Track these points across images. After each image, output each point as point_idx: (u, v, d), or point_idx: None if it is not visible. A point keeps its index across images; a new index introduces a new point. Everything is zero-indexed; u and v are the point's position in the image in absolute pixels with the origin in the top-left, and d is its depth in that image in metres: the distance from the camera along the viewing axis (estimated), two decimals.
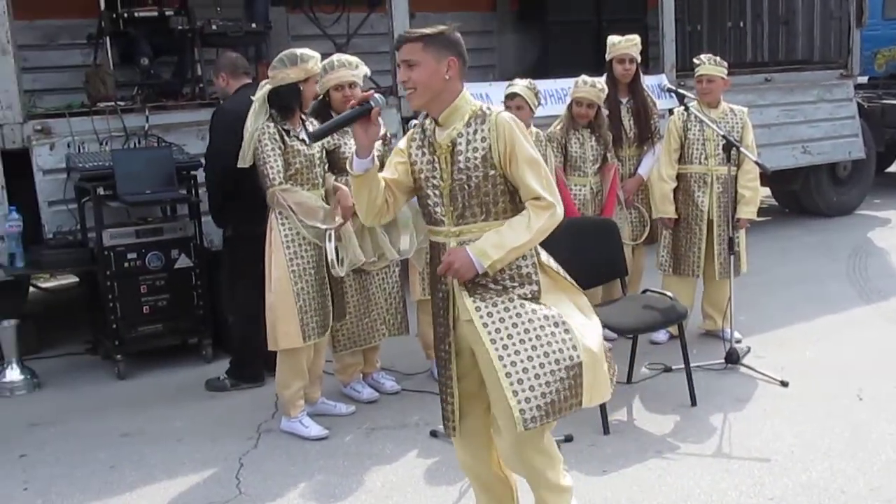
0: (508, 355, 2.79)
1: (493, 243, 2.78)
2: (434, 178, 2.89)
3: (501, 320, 2.82)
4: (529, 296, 2.86)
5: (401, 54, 2.82)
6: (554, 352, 2.81)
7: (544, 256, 2.99)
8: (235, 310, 5.01)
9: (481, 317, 2.83)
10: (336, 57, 4.51)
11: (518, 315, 2.82)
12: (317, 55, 4.30)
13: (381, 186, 2.90)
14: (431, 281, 3.06)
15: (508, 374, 2.78)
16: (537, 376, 2.78)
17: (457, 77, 2.84)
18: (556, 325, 2.84)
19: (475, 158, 2.82)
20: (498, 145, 2.80)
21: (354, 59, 4.49)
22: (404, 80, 2.82)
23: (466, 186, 2.82)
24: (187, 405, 4.83)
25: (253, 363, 4.97)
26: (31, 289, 6.41)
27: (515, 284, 2.86)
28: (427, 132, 2.92)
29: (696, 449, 4.04)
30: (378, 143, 4.47)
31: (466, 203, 2.84)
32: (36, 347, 5.79)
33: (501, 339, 2.81)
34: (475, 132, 2.83)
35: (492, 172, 2.82)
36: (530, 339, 2.80)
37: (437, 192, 2.89)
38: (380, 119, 4.59)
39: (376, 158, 2.85)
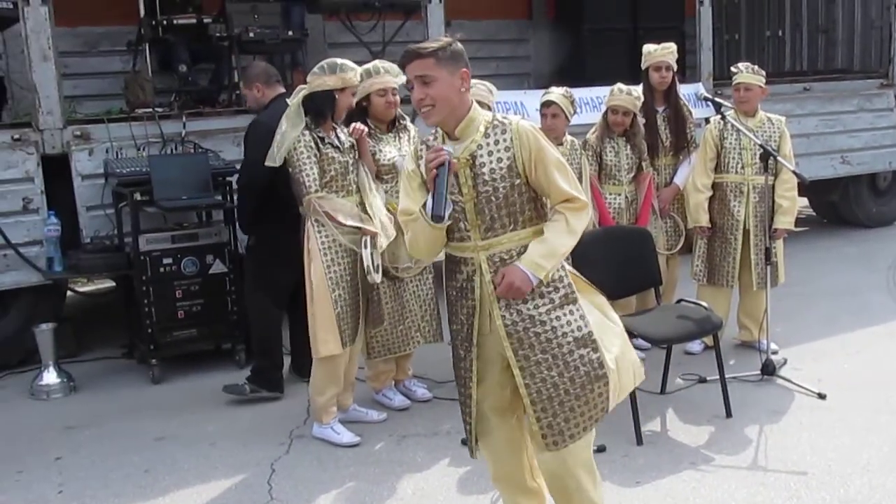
0: (535, 383, 2.83)
1: (542, 253, 2.78)
2: (453, 194, 2.81)
3: (531, 346, 2.83)
4: (565, 299, 2.86)
5: (412, 70, 2.74)
6: (581, 376, 2.83)
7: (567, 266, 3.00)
8: (255, 319, 5.00)
9: (511, 334, 2.84)
10: (379, 62, 4.54)
11: (548, 341, 2.82)
12: (357, 67, 4.31)
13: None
14: (452, 297, 2.97)
15: (534, 402, 2.83)
16: (562, 402, 2.82)
17: (468, 87, 2.81)
18: (584, 346, 2.85)
19: (501, 169, 2.78)
20: (522, 153, 2.77)
21: (395, 67, 4.50)
22: (420, 97, 2.73)
23: (494, 198, 2.79)
24: (220, 410, 4.86)
25: (272, 372, 4.94)
26: (69, 292, 6.48)
27: (550, 290, 2.84)
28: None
29: (731, 461, 3.98)
30: (411, 152, 4.51)
31: (496, 215, 2.80)
32: (74, 351, 5.86)
33: (529, 365, 2.83)
34: (496, 143, 2.79)
35: (517, 181, 2.79)
36: (557, 366, 2.82)
37: (458, 207, 2.82)
38: (411, 128, 4.65)
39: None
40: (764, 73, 5.31)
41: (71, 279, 6.17)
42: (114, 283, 6.77)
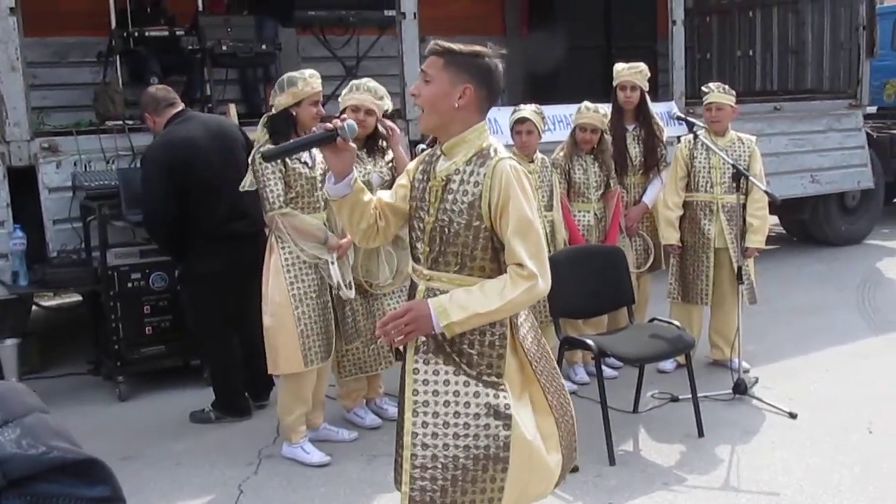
0: (425, 435, 2.53)
1: (458, 303, 2.45)
2: (422, 209, 2.60)
3: (436, 393, 2.53)
4: (486, 371, 2.53)
5: (424, 64, 2.55)
6: (478, 447, 2.50)
7: (523, 332, 2.65)
8: (205, 349, 4.93)
9: (416, 380, 2.56)
10: (365, 81, 4.47)
11: (456, 394, 2.51)
12: (307, 76, 4.17)
13: (368, 209, 2.67)
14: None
15: (414, 456, 2.53)
16: (445, 468, 2.50)
17: (472, 107, 2.52)
18: (496, 415, 2.50)
19: (462, 202, 2.50)
20: (490, 195, 2.47)
21: (382, 90, 4.44)
22: (415, 93, 2.56)
23: (446, 230, 2.52)
24: (188, 428, 4.78)
25: (235, 399, 4.86)
26: (34, 307, 6.37)
27: (474, 353, 2.53)
28: (433, 159, 2.65)
29: (704, 481, 3.97)
30: (385, 169, 4.48)
31: (441, 249, 2.54)
32: (37, 367, 5.75)
33: (426, 415, 2.53)
34: (471, 174, 2.51)
35: (476, 223, 2.49)
36: (456, 425, 2.50)
37: (421, 225, 2.61)
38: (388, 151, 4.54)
39: (360, 181, 2.64)
40: (734, 92, 5.34)
41: (36, 293, 6.07)
42: (80, 297, 6.67)
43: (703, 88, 5.39)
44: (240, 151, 4.67)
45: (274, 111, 4.20)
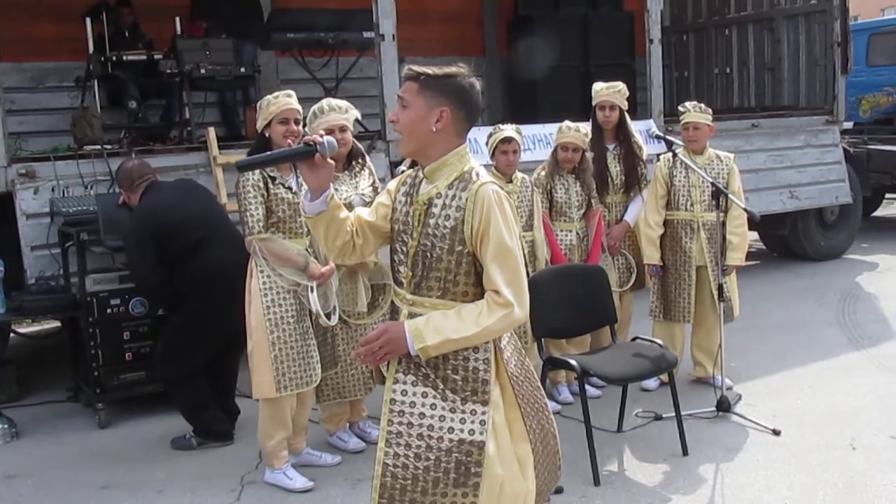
0: (395, 466, 2.51)
1: (433, 326, 2.45)
2: (405, 233, 2.59)
3: (409, 425, 2.51)
4: (471, 398, 2.51)
5: (400, 89, 2.55)
6: (447, 482, 2.48)
7: (507, 354, 2.63)
8: (171, 390, 4.89)
9: (392, 410, 2.54)
10: (326, 102, 4.43)
11: (430, 427, 2.50)
12: (275, 96, 4.17)
13: (343, 226, 2.64)
14: None
15: (383, 486, 2.51)
16: (413, 501, 2.49)
17: (450, 130, 2.51)
18: (468, 452, 2.47)
19: (444, 227, 2.49)
20: (472, 219, 2.46)
21: (344, 104, 4.43)
22: (393, 119, 2.56)
23: (429, 255, 2.51)
24: (169, 455, 4.72)
25: (214, 424, 4.81)
26: (12, 334, 6.29)
27: (458, 378, 2.51)
28: (416, 182, 2.63)
29: (688, 500, 3.96)
30: (368, 190, 4.47)
31: (424, 273, 2.53)
32: (16, 395, 5.67)
33: (398, 446, 2.51)
34: (453, 198, 2.50)
35: (459, 248, 2.48)
36: (427, 459, 2.49)
37: (404, 249, 2.59)
38: (369, 166, 4.53)
39: (336, 198, 2.61)
40: (710, 110, 5.37)
41: (14, 321, 6.01)
42: (59, 324, 6.60)
43: (680, 108, 5.42)
44: (212, 197, 4.91)
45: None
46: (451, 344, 2.46)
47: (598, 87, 5.48)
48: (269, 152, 2.83)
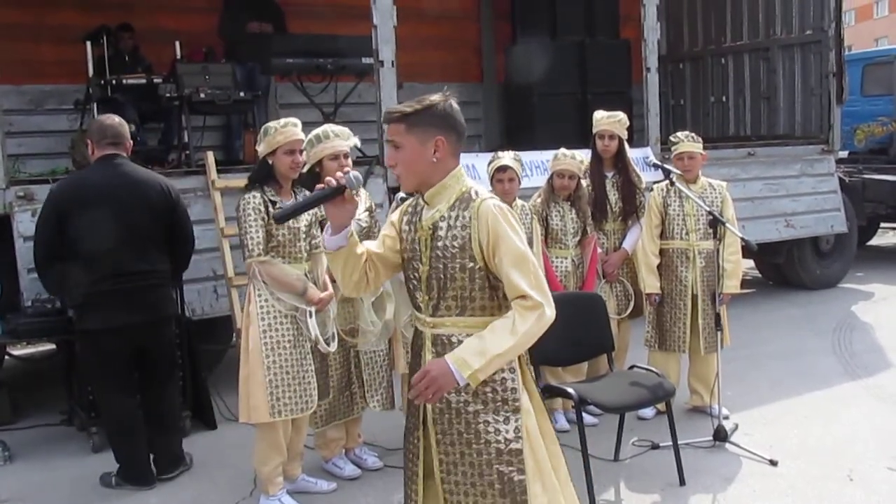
0: (451, 481, 2.66)
1: (473, 350, 2.50)
2: (415, 260, 2.67)
3: (453, 443, 2.64)
4: (502, 405, 2.62)
5: (387, 133, 2.63)
6: (495, 494, 2.62)
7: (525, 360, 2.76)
8: (101, 409, 4.78)
9: (436, 421, 2.66)
10: (329, 127, 4.42)
11: (468, 443, 2.63)
12: (280, 125, 4.16)
13: (360, 261, 2.71)
14: (410, 365, 2.88)
15: (447, 501, 2.67)
16: None
17: (447, 155, 2.59)
18: (506, 463, 2.60)
19: (453, 247, 2.57)
20: (479, 235, 2.54)
21: (345, 130, 4.42)
22: (391, 163, 2.64)
23: (442, 276, 2.59)
24: (162, 481, 4.68)
25: (137, 465, 4.61)
26: (6, 357, 6.26)
27: (499, 401, 2.61)
28: (418, 209, 2.71)
29: None
30: (364, 215, 4.47)
31: (441, 294, 2.61)
32: (9, 418, 5.64)
33: (449, 459, 2.66)
34: (457, 218, 2.58)
35: (470, 265, 2.56)
36: (472, 476, 2.63)
37: (416, 275, 2.67)
38: (362, 192, 4.53)
39: (355, 234, 2.69)
40: (701, 139, 5.40)
41: (9, 343, 5.98)
42: (53, 347, 6.57)
43: (672, 138, 5.45)
44: (154, 204, 4.50)
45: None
46: (497, 361, 2.52)
47: (598, 115, 5.50)
48: (302, 201, 2.83)
